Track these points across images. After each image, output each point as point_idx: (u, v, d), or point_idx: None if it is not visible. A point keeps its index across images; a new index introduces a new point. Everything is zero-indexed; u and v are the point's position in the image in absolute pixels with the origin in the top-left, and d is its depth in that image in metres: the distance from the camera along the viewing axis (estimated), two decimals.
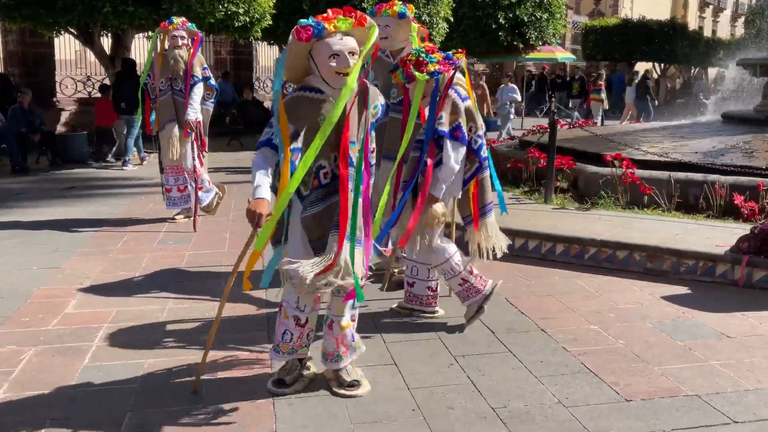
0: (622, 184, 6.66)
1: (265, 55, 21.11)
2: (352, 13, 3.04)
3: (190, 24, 6.82)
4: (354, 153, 3.13)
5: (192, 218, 6.80)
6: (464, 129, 3.91)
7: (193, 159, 6.83)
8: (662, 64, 30.38)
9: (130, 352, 3.82)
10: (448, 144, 3.85)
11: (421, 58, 3.83)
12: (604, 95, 17.88)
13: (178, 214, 7.18)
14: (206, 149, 7.09)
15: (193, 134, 6.71)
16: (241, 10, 11.05)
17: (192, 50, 6.75)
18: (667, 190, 6.59)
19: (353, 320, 3.43)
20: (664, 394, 3.38)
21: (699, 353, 3.87)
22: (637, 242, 5.34)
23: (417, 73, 3.79)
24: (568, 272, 5.32)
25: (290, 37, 3.07)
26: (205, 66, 6.90)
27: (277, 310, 4.43)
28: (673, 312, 4.52)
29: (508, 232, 5.74)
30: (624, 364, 3.71)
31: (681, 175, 6.69)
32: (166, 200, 7.15)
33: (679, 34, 28.48)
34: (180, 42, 6.70)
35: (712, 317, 4.42)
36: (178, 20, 6.76)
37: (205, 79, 6.82)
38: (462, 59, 4.05)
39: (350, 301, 3.30)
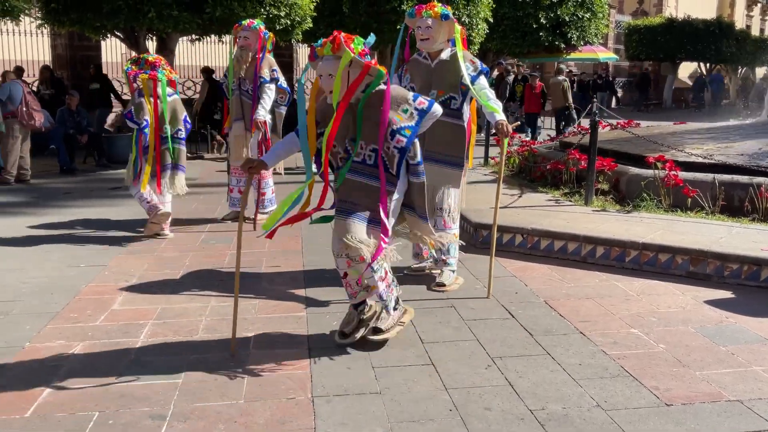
0: (665, 186, 6.56)
1: (306, 57, 21.30)
2: (334, 40, 3.59)
3: (254, 25, 6.74)
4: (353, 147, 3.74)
5: (252, 219, 6.90)
6: (134, 114, 6.41)
7: None
8: (708, 64, 29.75)
9: (174, 348, 3.93)
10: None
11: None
12: None
13: (227, 215, 7.30)
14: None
15: (260, 135, 6.78)
16: (282, 13, 11.18)
17: (258, 52, 6.74)
18: (711, 193, 6.48)
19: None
20: (705, 398, 3.34)
21: (742, 358, 3.80)
22: (680, 245, 5.26)
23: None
24: (608, 275, 5.27)
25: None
26: (275, 68, 6.90)
27: (316, 307, 4.55)
28: (716, 316, 4.45)
29: (548, 235, 5.77)
30: (664, 368, 3.67)
31: (726, 177, 6.56)
32: (228, 200, 7.32)
33: (726, 33, 27.88)
34: (243, 42, 6.77)
35: (756, 322, 4.33)
36: (245, 21, 6.81)
37: (274, 81, 6.85)
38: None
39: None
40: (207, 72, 14.27)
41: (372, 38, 3.78)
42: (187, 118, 6.86)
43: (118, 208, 7.98)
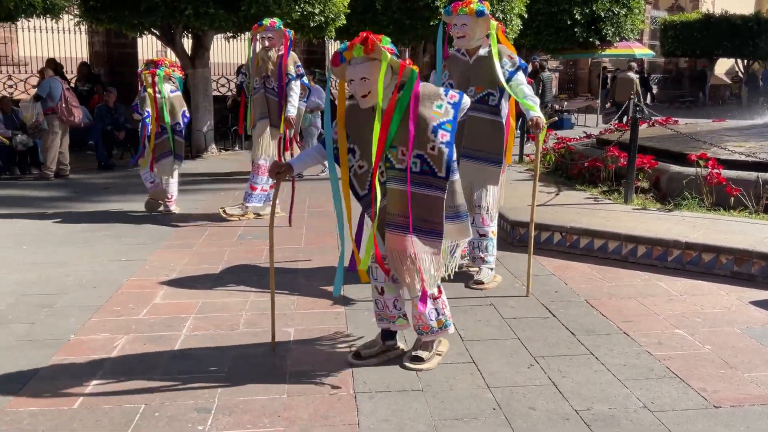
0: (707, 185, 6.43)
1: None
2: (366, 42, 3.33)
3: (277, 25, 6.88)
4: (395, 155, 3.43)
5: (287, 214, 6.95)
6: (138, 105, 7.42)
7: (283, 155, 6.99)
8: (745, 61, 29.13)
9: (217, 341, 3.96)
10: None
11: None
12: None
13: (261, 209, 7.33)
14: (299, 144, 7.28)
15: (292, 131, 6.88)
16: (316, 10, 11.19)
17: (283, 50, 6.88)
18: (754, 192, 6.33)
19: (424, 300, 3.51)
20: (755, 401, 3.27)
21: None
22: (724, 245, 5.16)
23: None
24: (650, 274, 5.19)
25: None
26: (299, 64, 7.01)
27: (354, 304, 4.55)
28: (762, 317, 4.35)
29: (587, 233, 5.70)
30: (711, 370, 3.60)
31: None
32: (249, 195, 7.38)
33: (764, 28, 27.24)
34: (267, 43, 6.86)
35: None
36: (267, 21, 6.90)
37: (299, 77, 6.95)
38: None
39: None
40: None
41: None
42: (186, 113, 7.61)
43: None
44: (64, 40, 16.49)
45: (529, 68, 17.49)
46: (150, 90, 7.29)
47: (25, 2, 10.00)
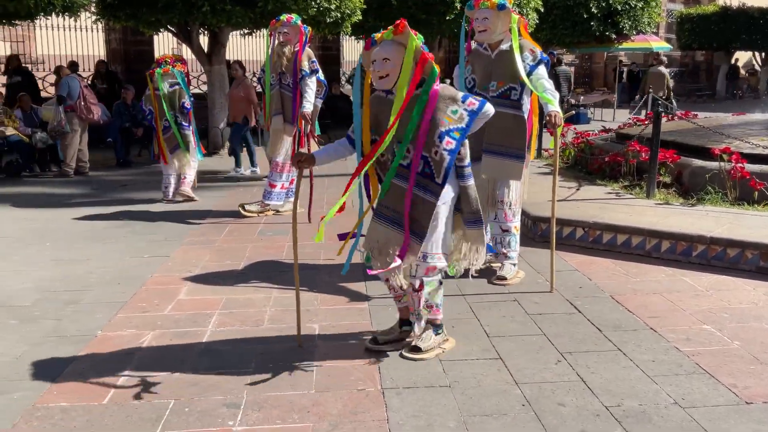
0: (731, 179, 6.37)
1: (352, 50, 21.40)
2: (397, 25, 3.46)
3: (293, 20, 6.87)
4: (398, 149, 3.50)
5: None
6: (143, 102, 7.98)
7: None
8: (763, 54, 28.82)
9: (243, 337, 3.97)
10: None
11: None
12: None
13: (280, 206, 7.33)
14: (317, 140, 7.27)
15: (309, 127, 6.88)
16: (332, 6, 11.18)
17: (298, 46, 6.86)
18: None
19: (421, 288, 3.63)
20: None
21: None
22: (750, 239, 5.10)
23: None
24: (674, 270, 5.14)
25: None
26: (313, 60, 6.98)
27: (377, 299, 4.55)
28: None
29: (610, 228, 5.66)
30: (741, 366, 3.56)
31: None
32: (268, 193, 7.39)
33: None
34: (282, 38, 6.86)
35: None
36: (284, 17, 6.90)
37: (314, 72, 6.94)
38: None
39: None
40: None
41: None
42: (185, 104, 7.97)
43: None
44: (81, 38, 16.60)
45: None
46: (152, 92, 7.90)
47: (44, 0, 10.07)
